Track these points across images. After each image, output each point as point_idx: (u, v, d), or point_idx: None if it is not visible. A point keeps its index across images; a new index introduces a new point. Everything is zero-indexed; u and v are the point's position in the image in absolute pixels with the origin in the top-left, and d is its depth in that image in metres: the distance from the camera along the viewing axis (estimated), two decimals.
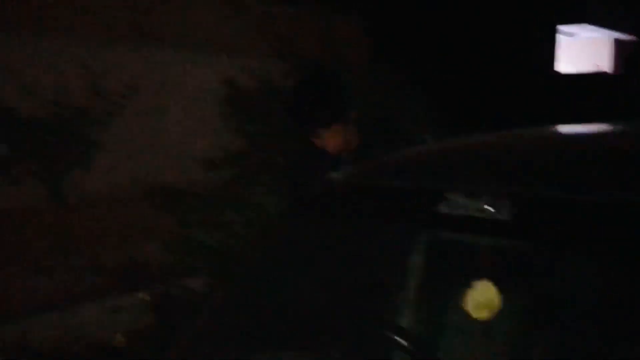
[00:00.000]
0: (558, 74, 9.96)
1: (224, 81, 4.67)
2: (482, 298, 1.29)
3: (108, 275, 4.36)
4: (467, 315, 1.29)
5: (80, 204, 4.19)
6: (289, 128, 4.03)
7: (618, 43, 11.99)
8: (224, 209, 3.81)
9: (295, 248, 1.69)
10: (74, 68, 4.14)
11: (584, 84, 9.10)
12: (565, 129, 1.69)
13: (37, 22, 4.14)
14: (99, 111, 3.95)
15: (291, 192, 2.56)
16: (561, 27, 10.49)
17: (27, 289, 4.06)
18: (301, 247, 1.69)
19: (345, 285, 1.73)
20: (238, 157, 4.29)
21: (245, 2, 5.66)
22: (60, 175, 3.85)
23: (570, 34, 11.43)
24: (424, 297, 1.54)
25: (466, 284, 1.30)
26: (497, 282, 1.28)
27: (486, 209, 1.23)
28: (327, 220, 1.61)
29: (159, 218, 4.24)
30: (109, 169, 4.44)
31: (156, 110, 4.92)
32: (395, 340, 1.52)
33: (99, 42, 4.46)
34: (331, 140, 2.22)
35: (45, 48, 4.14)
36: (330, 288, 1.72)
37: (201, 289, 3.61)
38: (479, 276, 1.30)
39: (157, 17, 4.92)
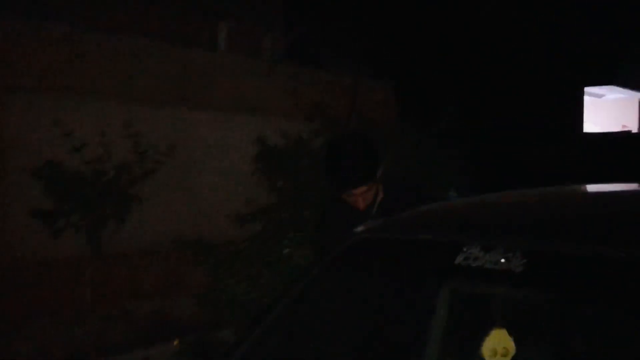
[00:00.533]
0: (585, 133, 10.04)
1: (256, 140, 4.85)
2: (497, 345, 1.37)
3: (140, 325, 4.46)
4: None
5: (116, 255, 4.33)
6: (317, 183, 4.16)
7: None
8: (254, 262, 3.89)
9: (322, 300, 1.79)
10: (117, 128, 4.37)
11: (610, 143, 9.14)
12: (577, 188, 1.79)
13: (85, 86, 4.41)
14: (138, 168, 4.12)
15: (319, 245, 2.63)
16: (589, 89, 10.66)
17: (63, 337, 4.18)
18: (328, 298, 1.79)
19: (370, 334, 1.81)
20: (268, 211, 4.40)
21: (276, 67, 5.90)
22: (99, 228, 3.98)
23: (598, 95, 11.54)
24: (444, 345, 1.61)
25: (482, 332, 1.38)
26: (511, 330, 1.36)
27: (500, 261, 1.33)
28: (353, 272, 1.71)
29: (190, 270, 4.36)
30: (145, 222, 4.60)
31: (192, 167, 5.12)
32: None
33: (141, 105, 4.72)
34: (361, 197, 2.31)
35: (92, 109, 4.41)
36: (356, 337, 1.80)
37: (230, 340, 3.66)
38: (495, 324, 1.38)
39: (195, 82, 5.18)
